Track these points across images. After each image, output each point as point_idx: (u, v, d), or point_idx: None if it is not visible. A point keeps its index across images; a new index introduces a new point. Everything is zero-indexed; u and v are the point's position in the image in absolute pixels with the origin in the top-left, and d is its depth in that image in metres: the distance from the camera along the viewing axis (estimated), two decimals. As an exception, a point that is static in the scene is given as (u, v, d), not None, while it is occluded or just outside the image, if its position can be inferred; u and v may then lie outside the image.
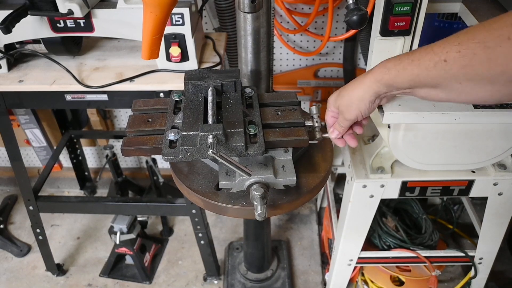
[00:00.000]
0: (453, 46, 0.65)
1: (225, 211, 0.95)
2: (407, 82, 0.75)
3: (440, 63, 0.67)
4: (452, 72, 0.66)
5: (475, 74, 0.64)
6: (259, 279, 2.00)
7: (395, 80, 0.77)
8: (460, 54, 0.64)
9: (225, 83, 0.98)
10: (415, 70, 0.72)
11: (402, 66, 0.75)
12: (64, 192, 2.63)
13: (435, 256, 1.63)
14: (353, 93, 0.86)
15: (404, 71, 0.75)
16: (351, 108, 0.88)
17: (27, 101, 1.48)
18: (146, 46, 0.92)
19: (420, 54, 0.71)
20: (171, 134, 0.89)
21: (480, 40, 0.61)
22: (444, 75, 0.68)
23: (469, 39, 0.63)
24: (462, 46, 0.64)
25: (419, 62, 0.71)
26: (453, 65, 0.65)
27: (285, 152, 0.94)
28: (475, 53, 0.62)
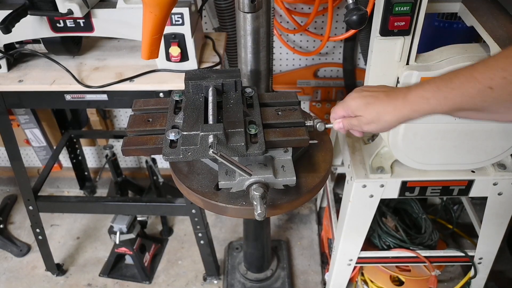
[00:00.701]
0: (497, 72, 0.64)
1: (224, 211, 0.95)
2: (448, 110, 0.74)
3: (485, 90, 0.65)
4: (499, 99, 0.65)
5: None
6: (258, 279, 2.00)
7: (435, 109, 0.75)
8: (506, 80, 0.63)
9: (225, 83, 0.98)
10: (457, 99, 0.70)
11: (444, 96, 0.72)
12: (64, 192, 2.63)
13: (434, 256, 1.63)
14: (386, 115, 0.83)
15: (445, 100, 0.72)
16: (374, 125, 0.86)
17: (26, 101, 1.48)
18: (145, 46, 0.92)
19: (460, 81, 0.69)
20: (172, 134, 0.89)
21: None
22: (490, 101, 0.66)
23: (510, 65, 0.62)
24: (506, 72, 0.63)
25: (461, 90, 0.69)
26: (499, 92, 0.64)
27: (285, 152, 0.94)
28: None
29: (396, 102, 0.81)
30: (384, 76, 1.18)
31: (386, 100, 0.83)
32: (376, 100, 0.84)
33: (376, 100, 0.84)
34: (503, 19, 1.12)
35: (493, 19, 1.12)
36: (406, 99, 0.79)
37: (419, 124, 1.12)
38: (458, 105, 0.71)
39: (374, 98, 0.85)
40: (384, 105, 0.83)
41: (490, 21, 1.11)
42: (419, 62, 1.16)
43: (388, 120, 0.82)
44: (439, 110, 0.74)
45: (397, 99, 0.81)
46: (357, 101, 0.87)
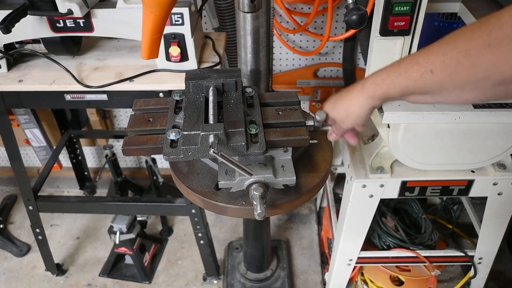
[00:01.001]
0: (438, 57, 0.68)
1: (224, 210, 0.95)
2: (398, 94, 0.79)
3: (427, 73, 0.70)
4: (439, 81, 0.69)
5: (461, 80, 0.66)
6: (258, 279, 2.00)
7: (387, 93, 0.81)
8: (445, 64, 0.67)
9: (226, 83, 0.97)
10: (403, 82, 0.76)
11: (391, 80, 0.78)
12: (64, 192, 2.63)
13: (434, 256, 1.63)
14: (350, 108, 0.90)
15: (393, 85, 0.78)
16: (347, 120, 0.93)
17: (26, 101, 1.48)
18: (145, 46, 0.92)
19: (407, 66, 0.74)
20: (172, 133, 0.89)
21: (463, 49, 0.64)
22: (432, 84, 0.71)
23: (451, 49, 0.66)
24: (446, 56, 0.67)
25: (406, 74, 0.74)
26: (439, 75, 0.69)
27: (285, 152, 0.94)
28: (459, 62, 0.65)
29: (355, 93, 0.88)
30: (384, 76, 1.18)
31: (347, 95, 0.90)
32: (340, 98, 0.93)
33: (340, 98, 0.93)
34: (503, 19, 1.12)
35: (493, 19, 1.12)
36: (363, 88, 0.85)
37: (419, 124, 1.12)
38: (405, 89, 0.76)
39: (338, 97, 0.93)
40: (347, 100, 0.90)
41: (490, 21, 1.11)
42: (419, 62, 1.15)
43: (354, 111, 0.89)
44: (391, 93, 0.80)
45: (355, 90, 0.88)
46: (329, 106, 0.96)
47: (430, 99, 0.77)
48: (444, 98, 0.74)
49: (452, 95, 0.72)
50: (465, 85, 0.67)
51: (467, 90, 0.68)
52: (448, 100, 0.74)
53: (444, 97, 0.74)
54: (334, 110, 0.95)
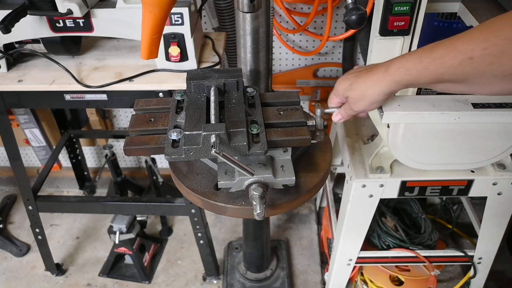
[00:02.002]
0: (479, 43, 0.64)
1: (224, 210, 0.95)
2: (428, 81, 0.75)
3: (466, 61, 0.66)
4: (479, 69, 0.65)
5: (503, 70, 0.63)
6: (258, 278, 2.00)
7: (416, 80, 0.76)
8: (487, 51, 0.63)
9: (227, 83, 0.97)
10: (439, 69, 0.71)
11: (424, 66, 0.73)
12: (64, 191, 2.63)
13: (434, 256, 1.63)
14: (368, 90, 0.85)
15: (426, 71, 0.73)
16: (362, 103, 0.88)
17: (26, 101, 1.48)
18: (145, 45, 0.92)
19: (442, 52, 0.70)
20: (174, 133, 0.89)
21: (507, 36, 0.60)
22: (470, 72, 0.66)
23: (495, 36, 0.62)
24: (488, 43, 0.63)
25: (442, 60, 0.70)
26: (480, 63, 0.64)
27: (284, 152, 0.94)
28: (503, 51, 0.61)
29: (378, 76, 0.83)
30: (384, 76, 1.18)
31: (368, 76, 0.85)
32: (358, 78, 0.87)
33: (358, 78, 0.87)
34: (503, 19, 1.12)
35: (493, 19, 1.12)
36: (387, 71, 0.80)
37: (418, 124, 1.12)
38: (439, 76, 0.72)
39: (356, 77, 0.88)
40: (366, 80, 0.85)
41: (489, 21, 1.11)
42: (419, 62, 1.15)
43: (371, 94, 0.85)
44: (421, 80, 0.75)
45: (378, 72, 0.83)
46: (343, 84, 0.91)
47: (463, 89, 0.72)
48: (479, 88, 0.70)
49: (490, 85, 0.68)
50: (506, 75, 0.64)
51: (507, 80, 0.65)
52: (483, 90, 0.70)
53: (479, 87, 0.69)
54: (349, 90, 0.89)
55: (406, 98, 1.08)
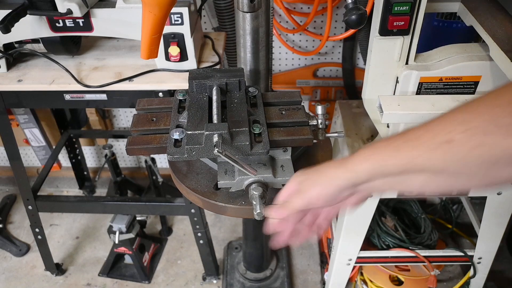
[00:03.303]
0: (458, 126, 0.55)
1: (224, 210, 0.95)
2: (400, 167, 0.60)
3: (444, 144, 0.55)
4: (460, 155, 0.54)
5: (490, 155, 0.53)
6: (258, 278, 2.00)
7: (383, 166, 0.62)
8: (468, 133, 0.53)
9: (229, 82, 0.97)
10: (412, 150, 0.58)
11: (394, 147, 0.61)
12: (63, 191, 2.63)
13: (434, 256, 1.63)
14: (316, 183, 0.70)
15: (397, 153, 0.60)
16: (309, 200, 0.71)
17: (26, 101, 1.48)
18: (145, 45, 0.92)
19: (416, 134, 0.59)
20: (176, 133, 0.89)
21: (487, 119, 0.52)
22: (450, 158, 0.55)
23: (475, 118, 0.54)
24: (469, 125, 0.54)
25: (417, 141, 0.58)
26: (460, 147, 0.54)
27: (284, 152, 0.94)
28: (486, 133, 0.52)
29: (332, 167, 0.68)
30: (383, 76, 1.18)
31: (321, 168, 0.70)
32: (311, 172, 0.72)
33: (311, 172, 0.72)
34: (503, 19, 1.12)
35: (492, 19, 1.12)
36: (344, 161, 0.66)
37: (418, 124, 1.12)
38: (413, 160, 0.59)
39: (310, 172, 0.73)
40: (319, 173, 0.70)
41: (489, 21, 1.12)
42: (419, 62, 1.16)
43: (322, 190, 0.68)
44: (390, 167, 0.61)
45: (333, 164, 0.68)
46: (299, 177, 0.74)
47: (446, 181, 0.59)
48: (467, 179, 0.57)
49: (477, 175, 0.55)
50: (497, 161, 0.53)
51: (499, 166, 0.53)
52: (471, 182, 0.57)
53: (467, 179, 0.57)
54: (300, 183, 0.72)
55: (406, 98, 1.08)
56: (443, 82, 1.16)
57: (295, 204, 0.72)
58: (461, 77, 1.15)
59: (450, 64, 1.12)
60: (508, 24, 1.10)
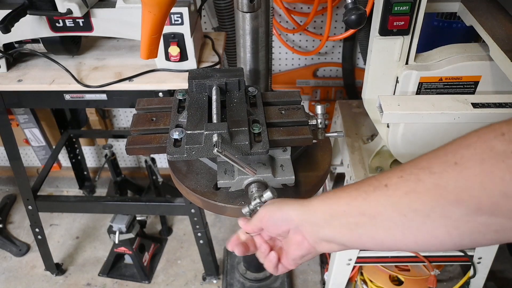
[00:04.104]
0: (396, 172, 0.57)
1: (224, 210, 0.95)
2: (341, 205, 0.62)
3: (380, 187, 0.57)
4: (393, 199, 0.56)
5: (422, 203, 0.53)
6: (258, 278, 2.00)
7: (324, 202, 0.65)
8: (403, 179, 0.55)
9: (229, 82, 0.97)
10: (353, 192, 0.61)
11: (342, 190, 0.64)
12: (63, 191, 2.63)
13: (434, 256, 1.63)
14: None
15: (342, 192, 0.63)
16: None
17: (26, 101, 1.48)
18: (144, 45, 0.92)
19: (363, 181, 0.62)
20: (176, 133, 0.89)
21: (424, 166, 0.54)
22: (384, 202, 0.57)
23: (411, 166, 0.56)
24: (404, 172, 0.56)
25: (358, 186, 0.61)
26: (395, 191, 0.56)
27: (284, 151, 0.94)
28: (419, 179, 0.53)
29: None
30: (383, 76, 1.18)
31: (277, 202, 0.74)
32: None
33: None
34: (503, 19, 1.12)
35: (492, 19, 1.12)
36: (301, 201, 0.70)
37: (418, 124, 1.12)
38: (352, 201, 0.61)
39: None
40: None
41: (489, 21, 1.12)
42: (419, 62, 1.16)
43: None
44: (327, 207, 0.64)
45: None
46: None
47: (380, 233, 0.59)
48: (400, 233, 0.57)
49: (411, 226, 0.55)
50: (430, 211, 0.53)
51: (432, 219, 0.53)
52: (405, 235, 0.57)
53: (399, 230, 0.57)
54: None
55: (406, 98, 1.08)
56: (443, 82, 1.16)
57: (252, 220, 0.76)
58: (461, 77, 1.15)
59: (450, 64, 1.12)
60: (508, 24, 1.10)
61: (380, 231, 0.59)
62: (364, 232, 0.60)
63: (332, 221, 0.63)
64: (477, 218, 0.50)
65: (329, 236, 0.65)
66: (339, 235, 0.63)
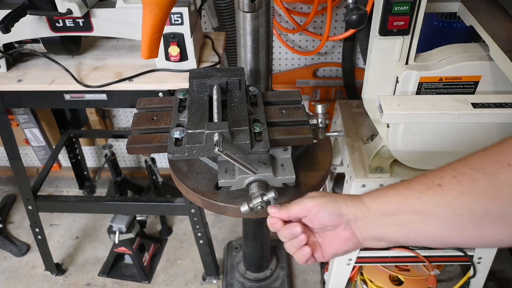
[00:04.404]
0: (448, 172, 0.58)
1: (224, 210, 0.95)
2: (394, 203, 0.64)
3: (434, 187, 0.58)
4: (448, 199, 0.56)
5: (478, 204, 0.54)
6: (258, 278, 2.00)
7: (380, 200, 0.66)
8: (456, 179, 0.56)
9: (229, 82, 0.97)
10: (404, 191, 0.63)
11: (392, 188, 0.66)
12: (63, 191, 2.63)
13: (434, 256, 1.63)
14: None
15: (393, 191, 0.65)
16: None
17: (26, 101, 1.48)
18: (145, 45, 0.92)
19: (413, 180, 0.64)
20: (177, 132, 0.89)
21: (476, 166, 0.54)
22: (439, 202, 0.57)
23: (464, 165, 0.57)
24: (457, 172, 0.57)
25: (410, 185, 0.63)
26: (449, 191, 0.56)
27: (284, 151, 0.94)
28: (473, 179, 0.54)
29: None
30: (383, 76, 1.18)
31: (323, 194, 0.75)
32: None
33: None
34: (502, 19, 1.12)
35: (492, 19, 1.12)
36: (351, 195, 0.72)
37: (418, 124, 1.12)
38: (404, 199, 0.62)
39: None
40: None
41: (489, 21, 1.12)
42: (419, 62, 1.16)
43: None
44: (382, 204, 0.65)
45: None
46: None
47: (433, 230, 0.60)
48: (456, 232, 0.57)
49: (467, 229, 0.56)
50: (486, 212, 0.53)
51: (489, 219, 0.53)
52: (461, 236, 0.57)
53: (455, 231, 0.57)
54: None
55: (406, 98, 1.08)
56: (443, 82, 1.16)
57: (292, 207, 0.74)
58: (461, 77, 1.15)
59: (450, 64, 1.12)
60: (508, 24, 1.10)
61: (436, 229, 0.59)
62: (418, 230, 0.61)
63: (385, 219, 0.64)
64: None
65: (382, 233, 0.66)
66: (393, 233, 0.64)
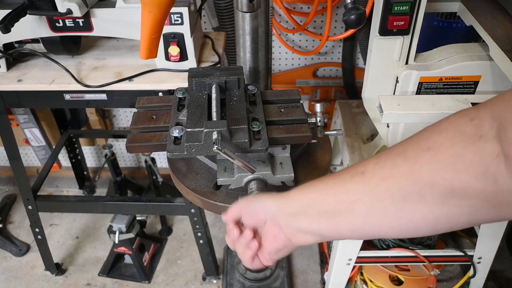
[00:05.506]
0: (372, 160, 0.59)
1: (223, 210, 0.95)
2: (318, 195, 0.64)
3: (358, 175, 0.59)
4: (371, 185, 0.57)
5: (399, 188, 0.55)
6: (258, 278, 2.00)
7: (305, 192, 0.66)
8: (379, 165, 0.57)
9: (228, 80, 0.98)
10: (330, 181, 0.63)
11: (321, 181, 0.65)
12: (63, 191, 2.63)
13: (434, 256, 1.63)
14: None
15: (319, 182, 0.65)
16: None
17: (26, 101, 1.48)
18: (144, 45, 0.92)
19: (341, 171, 0.64)
20: (176, 130, 0.89)
21: (399, 152, 0.56)
22: (362, 189, 0.58)
23: (387, 153, 0.58)
24: (380, 158, 0.58)
25: (336, 175, 0.63)
26: (372, 178, 0.57)
27: (283, 149, 0.94)
28: (395, 164, 0.56)
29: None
30: (383, 76, 1.18)
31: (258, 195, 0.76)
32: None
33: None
34: (502, 19, 1.12)
35: (492, 19, 1.12)
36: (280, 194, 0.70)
37: (418, 123, 1.12)
38: (329, 189, 0.63)
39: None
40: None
41: (489, 21, 1.12)
42: (419, 62, 1.16)
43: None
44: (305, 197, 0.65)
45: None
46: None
47: (358, 220, 0.60)
48: (378, 218, 0.58)
49: (389, 213, 0.57)
50: (406, 196, 0.54)
51: (409, 204, 0.54)
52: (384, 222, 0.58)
53: (378, 217, 0.58)
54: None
55: (406, 98, 1.08)
56: (443, 82, 1.16)
57: (231, 208, 0.76)
58: (461, 77, 1.15)
59: (450, 64, 1.12)
60: (508, 24, 1.10)
61: (357, 218, 0.60)
62: (341, 220, 0.61)
63: (309, 210, 0.64)
64: (450, 201, 0.52)
65: (305, 225, 0.65)
66: (316, 224, 0.64)
